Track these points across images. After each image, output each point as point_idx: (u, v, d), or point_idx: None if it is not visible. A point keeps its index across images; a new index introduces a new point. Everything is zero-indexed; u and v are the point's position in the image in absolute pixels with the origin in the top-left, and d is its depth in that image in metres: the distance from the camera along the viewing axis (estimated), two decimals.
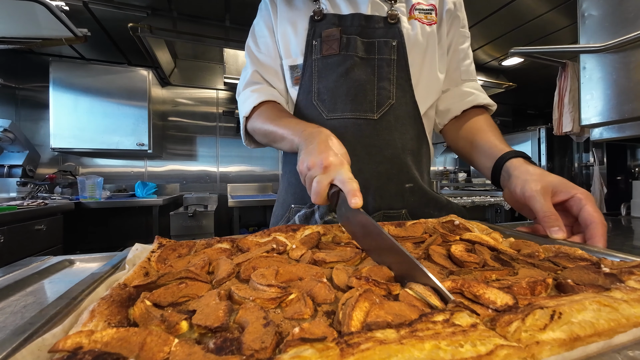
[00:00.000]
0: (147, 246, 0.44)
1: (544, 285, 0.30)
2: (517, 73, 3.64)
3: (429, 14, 0.81)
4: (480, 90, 0.86)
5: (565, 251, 0.40)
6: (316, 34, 0.78)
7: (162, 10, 2.45)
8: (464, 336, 0.20)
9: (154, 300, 0.28)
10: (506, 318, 0.23)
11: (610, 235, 0.85)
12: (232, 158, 3.82)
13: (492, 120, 0.82)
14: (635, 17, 0.93)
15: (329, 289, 0.30)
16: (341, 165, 0.51)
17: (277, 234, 0.50)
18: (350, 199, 0.43)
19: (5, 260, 1.67)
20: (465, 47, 0.88)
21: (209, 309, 0.25)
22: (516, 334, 0.21)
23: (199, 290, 0.31)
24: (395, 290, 0.31)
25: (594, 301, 0.23)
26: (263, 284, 0.30)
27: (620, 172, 3.55)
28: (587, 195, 0.53)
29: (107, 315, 0.25)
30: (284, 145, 0.70)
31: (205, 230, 2.88)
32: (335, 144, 0.55)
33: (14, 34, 2.07)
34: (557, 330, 0.21)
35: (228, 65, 3.01)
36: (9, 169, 2.61)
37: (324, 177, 0.50)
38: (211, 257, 0.40)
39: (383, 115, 0.75)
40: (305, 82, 0.79)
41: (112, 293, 0.28)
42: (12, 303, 0.35)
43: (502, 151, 0.68)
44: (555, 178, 0.56)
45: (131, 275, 0.33)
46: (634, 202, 1.16)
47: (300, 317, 0.26)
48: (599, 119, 1.04)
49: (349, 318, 0.24)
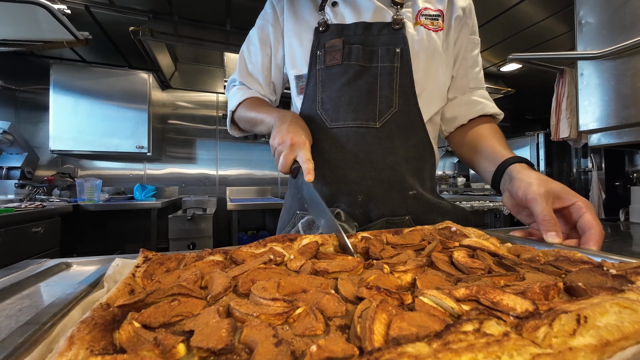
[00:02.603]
0: (128, 261, 0.41)
1: (557, 289, 0.30)
2: (515, 79, 3.67)
3: (435, 20, 0.80)
4: (489, 99, 0.86)
5: (565, 255, 0.40)
6: (320, 44, 0.79)
7: (163, 14, 2.47)
8: (500, 347, 0.19)
9: (143, 322, 0.25)
10: (532, 324, 0.22)
11: (609, 241, 0.85)
12: (231, 161, 3.83)
13: (497, 128, 0.82)
14: (632, 24, 0.95)
15: (339, 301, 0.28)
16: (304, 145, 0.63)
17: (274, 244, 0.48)
18: (305, 175, 0.59)
19: (2, 262, 1.65)
20: (474, 54, 0.87)
21: (209, 329, 0.23)
22: (546, 340, 0.21)
23: (194, 307, 0.28)
24: (408, 299, 0.30)
25: (614, 303, 0.23)
26: (267, 298, 0.28)
27: (619, 178, 3.56)
28: (587, 203, 0.54)
29: (89, 342, 0.21)
30: (263, 128, 0.78)
31: (203, 234, 2.87)
32: (301, 125, 0.68)
33: (15, 36, 2.08)
34: (586, 335, 0.21)
35: (228, 69, 3.03)
36: (8, 171, 2.61)
37: (289, 154, 0.63)
38: (203, 271, 0.37)
39: (385, 124, 0.75)
40: (309, 92, 0.80)
41: (94, 315, 0.24)
42: (7, 306, 0.34)
43: (505, 156, 0.69)
44: (558, 185, 0.57)
45: (114, 294, 0.30)
46: (633, 208, 1.17)
47: (312, 334, 0.24)
48: (597, 125, 1.05)
49: (370, 332, 0.22)
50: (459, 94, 0.87)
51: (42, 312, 0.27)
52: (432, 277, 0.34)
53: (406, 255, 0.43)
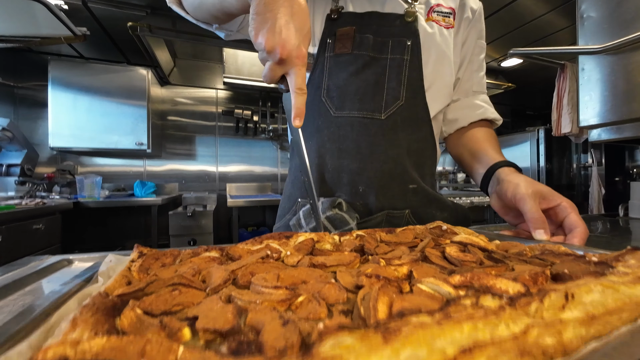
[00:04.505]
0: (122, 257, 0.40)
1: (544, 276, 0.31)
2: (516, 74, 3.65)
3: (447, 17, 0.80)
4: (490, 104, 0.88)
5: (550, 248, 0.42)
6: (331, 32, 0.77)
7: (161, 9, 2.45)
8: (497, 317, 0.20)
9: (144, 308, 0.25)
10: (524, 300, 0.23)
11: (608, 236, 0.86)
12: (231, 158, 3.82)
13: (494, 133, 0.84)
14: (634, 19, 0.94)
15: (340, 288, 0.29)
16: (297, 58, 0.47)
17: (270, 241, 0.48)
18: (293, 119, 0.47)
19: (3, 259, 1.66)
20: (481, 58, 0.88)
21: (214, 313, 0.23)
22: (538, 313, 0.22)
23: (195, 298, 0.28)
24: (406, 287, 0.30)
25: (598, 283, 0.25)
26: (268, 286, 0.28)
27: (619, 173, 3.56)
28: (572, 204, 0.57)
29: (93, 324, 0.21)
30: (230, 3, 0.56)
31: (204, 230, 2.88)
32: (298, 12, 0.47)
33: (12, 32, 2.07)
34: (574, 310, 0.22)
35: (227, 64, 3.01)
36: (7, 168, 2.60)
37: (277, 69, 0.48)
38: (200, 266, 0.37)
39: (390, 116, 0.75)
40: (314, 78, 0.79)
41: (95, 301, 0.24)
42: (10, 302, 0.35)
43: (496, 160, 0.71)
44: (544, 187, 0.60)
45: (112, 284, 0.29)
46: (632, 203, 1.17)
47: (316, 317, 0.24)
48: (598, 120, 1.05)
49: (374, 310, 0.23)
50: (462, 96, 0.87)
51: (35, 305, 0.27)
52: (427, 269, 0.35)
53: (400, 251, 0.43)
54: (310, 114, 0.76)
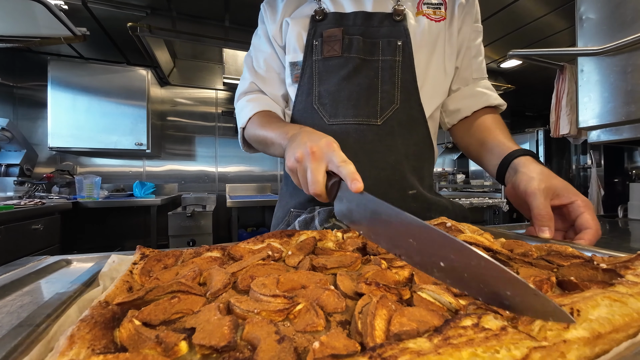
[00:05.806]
0: (125, 257, 0.40)
1: (550, 283, 0.30)
2: (515, 75, 3.66)
3: (438, 9, 0.78)
4: (491, 89, 0.84)
5: (557, 249, 0.41)
6: (317, 33, 0.75)
7: (161, 9, 2.45)
8: (498, 341, 0.20)
9: (143, 319, 0.25)
10: (527, 317, 0.23)
11: (607, 237, 0.86)
12: (230, 158, 3.82)
13: (501, 118, 0.81)
14: (633, 21, 0.94)
15: (338, 296, 0.29)
16: (330, 147, 0.47)
17: (271, 240, 0.48)
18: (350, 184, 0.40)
19: (2, 259, 1.66)
20: (477, 43, 0.84)
21: (210, 326, 0.23)
22: (541, 333, 0.21)
23: (194, 304, 0.28)
24: (406, 294, 0.30)
25: (605, 297, 0.24)
26: (267, 295, 0.28)
27: (618, 175, 3.57)
28: (587, 203, 0.53)
29: (90, 340, 0.21)
30: (276, 150, 0.67)
31: (203, 231, 2.87)
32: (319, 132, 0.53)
33: (12, 32, 2.07)
34: (579, 328, 0.21)
35: (227, 65, 3.01)
36: (6, 168, 2.60)
37: (317, 165, 0.46)
38: (201, 267, 0.37)
39: (386, 121, 0.73)
40: (304, 84, 0.76)
41: (93, 313, 0.24)
42: (8, 303, 0.35)
43: (511, 149, 0.68)
44: (561, 182, 0.56)
45: (112, 291, 0.30)
46: (631, 204, 1.17)
47: (313, 330, 0.24)
48: (597, 122, 1.05)
49: (371, 328, 0.22)
50: (463, 85, 0.84)
51: (35, 313, 0.26)
52: None
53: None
54: (302, 123, 0.75)
